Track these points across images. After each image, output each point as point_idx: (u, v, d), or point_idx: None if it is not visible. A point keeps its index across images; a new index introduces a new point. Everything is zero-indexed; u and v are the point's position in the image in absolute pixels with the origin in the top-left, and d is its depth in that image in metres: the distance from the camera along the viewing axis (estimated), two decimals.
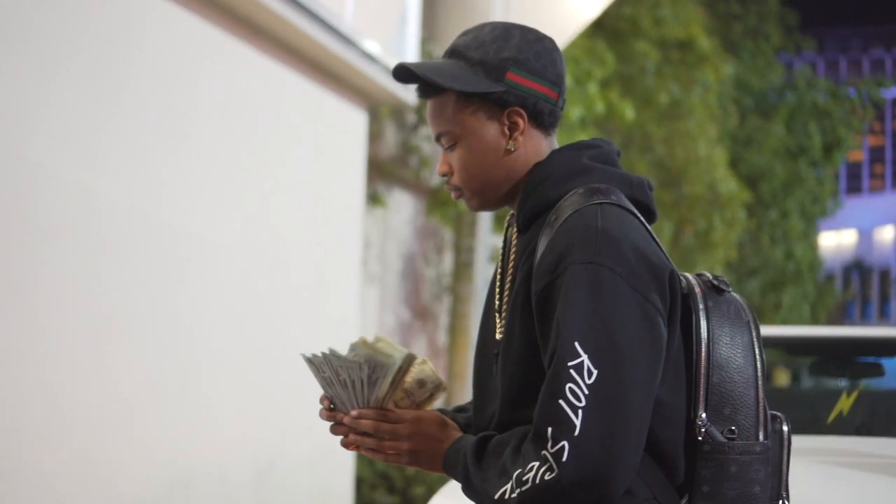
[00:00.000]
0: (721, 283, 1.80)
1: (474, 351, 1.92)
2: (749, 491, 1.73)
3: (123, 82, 4.93)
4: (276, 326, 6.29)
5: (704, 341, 1.75)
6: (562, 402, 1.61)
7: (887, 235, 50.24)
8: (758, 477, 1.73)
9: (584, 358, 1.62)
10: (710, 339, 1.76)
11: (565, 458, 1.59)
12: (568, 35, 8.66)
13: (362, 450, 1.84)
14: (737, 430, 1.74)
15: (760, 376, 1.77)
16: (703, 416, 1.73)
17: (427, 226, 10.12)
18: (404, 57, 7.75)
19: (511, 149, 1.82)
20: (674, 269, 1.75)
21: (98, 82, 4.74)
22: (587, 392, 1.61)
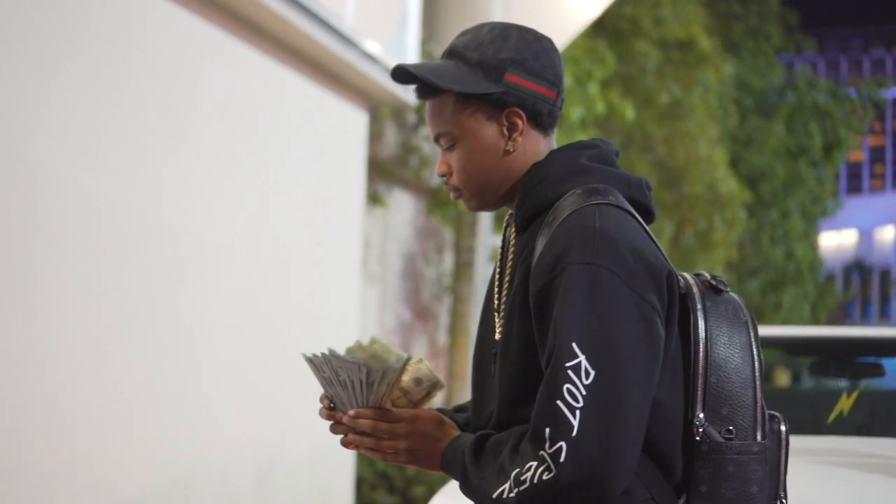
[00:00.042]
0: (719, 283, 1.80)
1: (473, 351, 1.93)
2: (747, 491, 1.73)
3: (123, 82, 4.93)
4: (277, 326, 6.28)
5: (702, 341, 1.76)
6: (559, 403, 1.61)
7: (888, 235, 50.22)
8: (755, 477, 1.74)
9: (582, 359, 1.62)
10: (707, 339, 1.76)
11: (563, 459, 1.59)
12: (568, 35, 8.65)
13: (361, 449, 1.84)
14: (734, 430, 1.74)
15: (758, 376, 1.77)
16: (701, 417, 1.74)
17: (427, 226, 10.12)
18: (405, 57, 7.75)
19: (510, 149, 1.82)
20: (672, 269, 1.75)
21: (98, 82, 4.74)
22: (585, 393, 1.61)
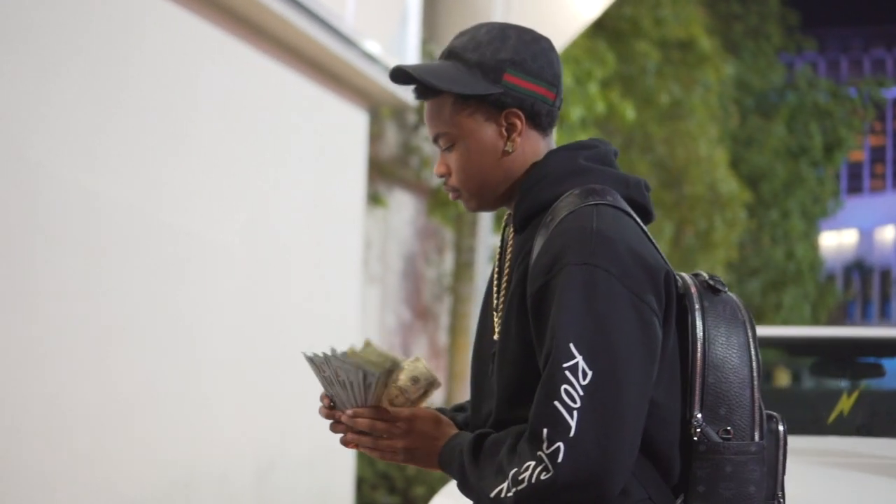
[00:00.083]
0: (717, 283, 1.81)
1: (472, 350, 1.93)
2: (744, 491, 1.73)
3: (123, 82, 4.94)
4: (277, 327, 6.29)
5: (700, 341, 1.76)
6: (557, 404, 1.61)
7: (888, 235, 50.19)
8: (753, 477, 1.74)
9: (579, 359, 1.62)
10: (705, 339, 1.76)
11: (560, 459, 1.60)
12: (568, 35, 8.64)
13: (361, 448, 1.85)
14: (732, 431, 1.74)
15: (756, 376, 1.77)
16: (699, 417, 1.74)
17: (428, 226, 10.12)
18: (405, 57, 7.76)
19: (509, 150, 1.82)
20: (669, 269, 1.75)
21: (98, 82, 4.74)
22: (582, 393, 1.61)
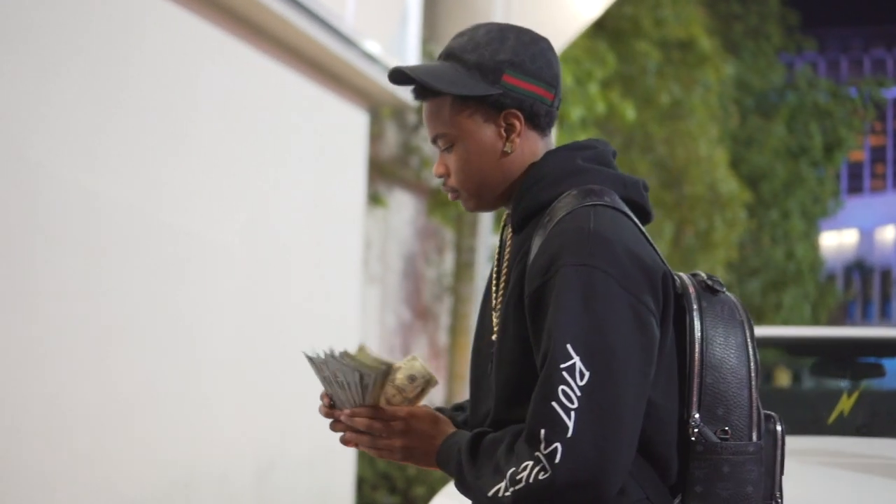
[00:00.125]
0: (715, 283, 1.81)
1: (471, 350, 1.93)
2: (742, 491, 1.73)
3: (123, 82, 4.94)
4: (277, 327, 6.29)
5: (698, 342, 1.76)
6: (554, 404, 1.61)
7: (888, 235, 50.19)
8: (751, 477, 1.74)
9: (577, 360, 1.63)
10: (703, 339, 1.76)
11: (558, 460, 1.60)
12: (569, 35, 8.65)
13: (360, 447, 1.85)
14: (730, 431, 1.74)
15: (754, 377, 1.77)
16: (697, 417, 1.74)
17: (428, 226, 10.12)
18: (405, 57, 7.76)
19: (508, 150, 1.83)
20: (667, 269, 1.76)
21: (98, 82, 4.74)
22: (579, 394, 1.61)
